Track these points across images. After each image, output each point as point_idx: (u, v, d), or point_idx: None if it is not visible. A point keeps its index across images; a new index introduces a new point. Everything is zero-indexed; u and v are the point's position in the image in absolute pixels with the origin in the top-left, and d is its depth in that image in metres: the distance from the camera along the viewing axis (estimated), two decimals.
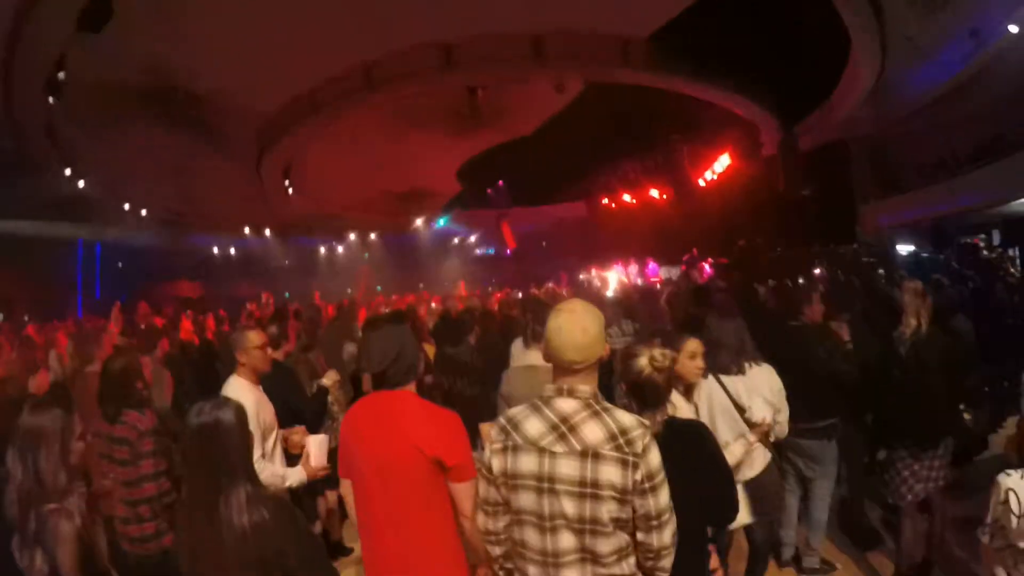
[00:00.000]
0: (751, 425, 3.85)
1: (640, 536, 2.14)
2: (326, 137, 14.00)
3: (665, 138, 16.49)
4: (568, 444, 2.11)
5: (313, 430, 4.04)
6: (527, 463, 2.15)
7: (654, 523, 2.11)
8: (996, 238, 15.03)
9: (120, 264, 18.73)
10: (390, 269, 24.04)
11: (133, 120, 11.15)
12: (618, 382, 2.70)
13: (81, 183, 12.68)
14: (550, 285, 13.96)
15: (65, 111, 9.71)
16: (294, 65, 11.11)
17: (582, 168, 19.76)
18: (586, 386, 2.18)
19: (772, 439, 3.96)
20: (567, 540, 2.13)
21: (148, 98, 10.71)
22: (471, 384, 5.08)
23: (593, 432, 2.09)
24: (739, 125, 14.95)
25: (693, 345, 3.54)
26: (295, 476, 3.57)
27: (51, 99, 9.10)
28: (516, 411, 2.27)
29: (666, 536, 2.15)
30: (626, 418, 2.14)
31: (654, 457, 2.11)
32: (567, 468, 2.09)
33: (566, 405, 2.16)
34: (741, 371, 3.97)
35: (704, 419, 3.72)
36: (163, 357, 6.02)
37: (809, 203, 14.87)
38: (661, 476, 2.12)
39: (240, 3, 9.03)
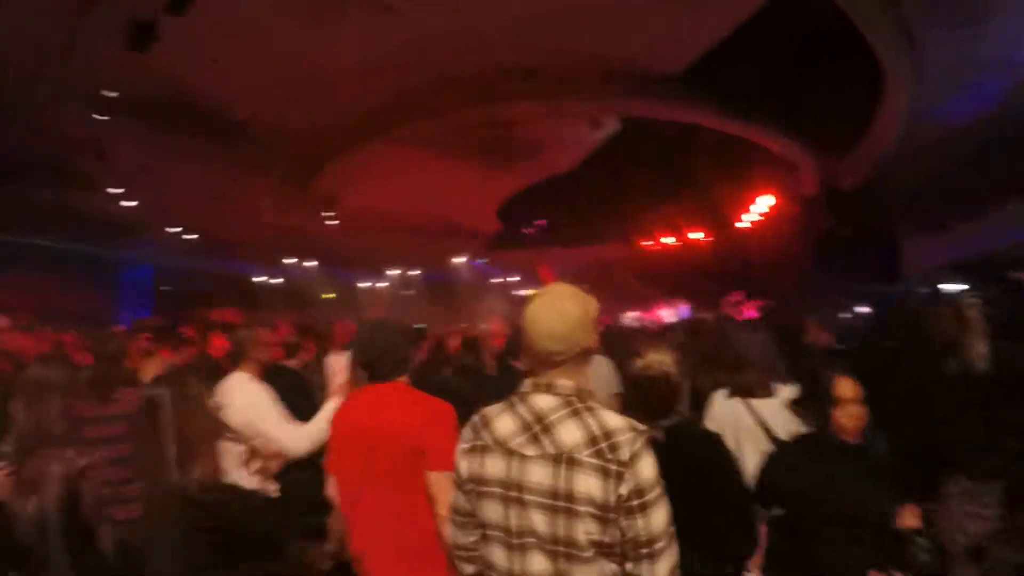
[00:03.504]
0: None
1: (629, 567, 1.79)
2: (366, 170, 14.18)
3: (706, 178, 16.35)
4: (540, 446, 1.83)
5: None
6: (494, 467, 1.89)
7: (645, 551, 1.77)
8: None
9: (167, 287, 19.18)
10: (431, 306, 24.01)
11: (180, 144, 11.43)
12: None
13: (131, 203, 13.06)
14: None
15: (113, 130, 10.06)
16: (331, 94, 11.23)
17: (622, 209, 19.63)
18: (567, 380, 1.90)
19: None
20: (538, 562, 1.82)
21: (192, 122, 10.92)
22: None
23: (570, 433, 1.81)
24: (780, 165, 14.80)
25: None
26: (327, 409, 3.48)
27: (98, 116, 9.49)
28: (490, 408, 2.00)
29: (661, 569, 1.79)
30: (613, 419, 1.83)
31: (646, 468, 1.78)
32: (537, 475, 1.82)
33: (542, 402, 1.89)
34: (769, 393, 3.55)
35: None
36: (185, 364, 6.04)
37: (851, 243, 14.52)
38: (656, 493, 1.78)
39: (276, 31, 9.24)
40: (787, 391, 3.58)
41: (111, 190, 12.37)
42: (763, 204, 16.10)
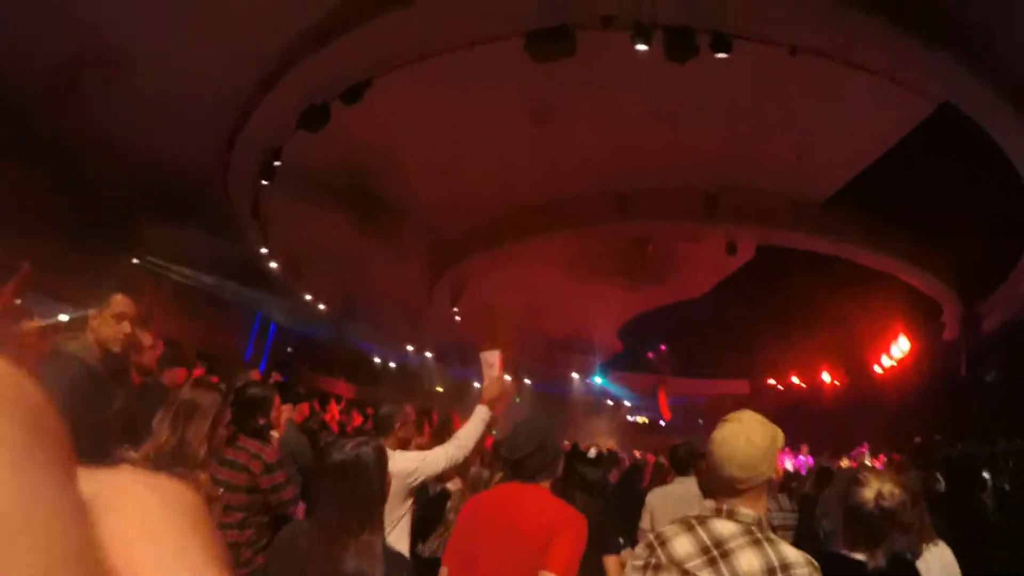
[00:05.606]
0: None
1: None
2: (497, 271, 14.46)
3: (841, 317, 15.64)
4: (717, 571, 1.78)
5: (427, 530, 3.90)
6: None
7: None
8: None
9: (289, 349, 19.84)
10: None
11: (328, 217, 12.01)
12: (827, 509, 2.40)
13: (274, 264, 13.73)
14: None
15: (272, 195, 10.67)
16: (480, 196, 11.79)
17: (749, 342, 19.04)
18: (750, 510, 1.87)
19: None
20: None
21: (344, 200, 11.56)
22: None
23: (749, 562, 1.76)
24: (919, 304, 13.98)
25: None
26: (478, 416, 3.49)
27: (264, 182, 10.06)
28: (668, 528, 1.98)
29: None
30: (792, 552, 1.81)
31: None
32: None
33: (723, 527, 1.86)
34: (917, 554, 3.06)
35: None
36: (299, 422, 6.08)
37: (994, 393, 13.23)
38: None
39: (439, 134, 9.88)
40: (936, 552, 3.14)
41: (261, 249, 13.04)
42: (900, 347, 15.27)
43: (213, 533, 0.21)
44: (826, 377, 18.76)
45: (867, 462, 13.12)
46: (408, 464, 3.38)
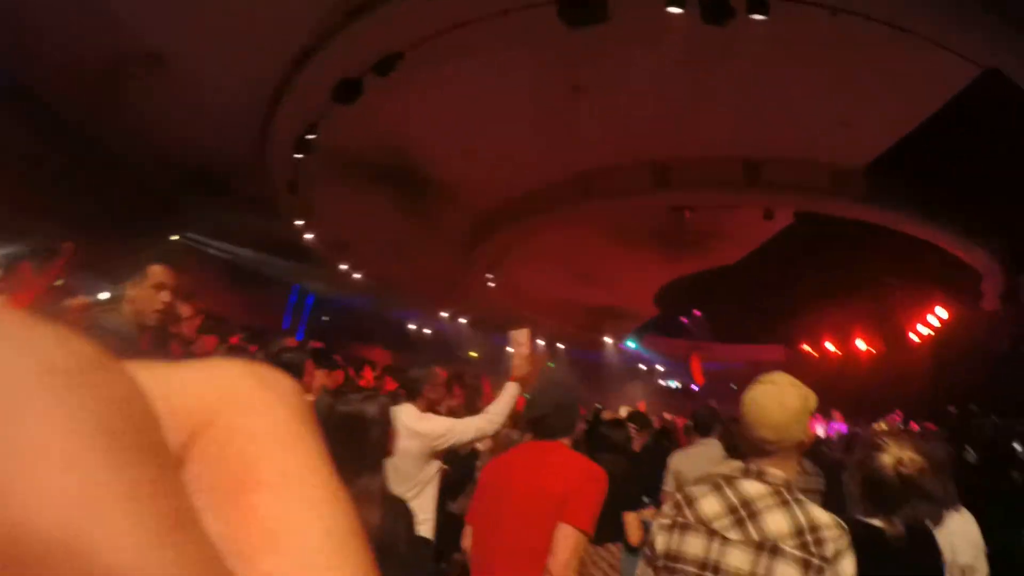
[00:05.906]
0: None
1: None
2: (533, 241, 14.46)
3: (877, 283, 15.43)
4: (744, 531, 1.79)
5: (456, 488, 4.02)
6: (693, 545, 1.85)
7: None
8: None
9: (325, 318, 20.11)
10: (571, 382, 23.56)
11: (364, 190, 12.11)
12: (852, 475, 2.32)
13: (309, 236, 13.83)
14: None
15: (308, 169, 10.72)
16: (515, 169, 11.77)
17: (785, 308, 18.86)
18: (779, 471, 1.87)
19: None
20: None
21: (380, 173, 11.64)
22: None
23: (777, 522, 1.77)
24: (958, 272, 13.74)
25: None
26: (508, 393, 3.59)
27: (298, 155, 10.13)
28: (695, 487, 2.00)
29: None
30: (821, 514, 1.80)
31: (847, 567, 1.72)
32: (737, 559, 1.77)
33: (751, 488, 1.86)
34: (938, 522, 3.17)
35: None
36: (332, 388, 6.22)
37: None
38: None
39: (476, 106, 9.85)
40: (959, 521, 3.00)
41: (297, 221, 13.17)
42: (938, 316, 15.09)
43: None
44: (861, 344, 18.58)
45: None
46: (436, 427, 3.50)
